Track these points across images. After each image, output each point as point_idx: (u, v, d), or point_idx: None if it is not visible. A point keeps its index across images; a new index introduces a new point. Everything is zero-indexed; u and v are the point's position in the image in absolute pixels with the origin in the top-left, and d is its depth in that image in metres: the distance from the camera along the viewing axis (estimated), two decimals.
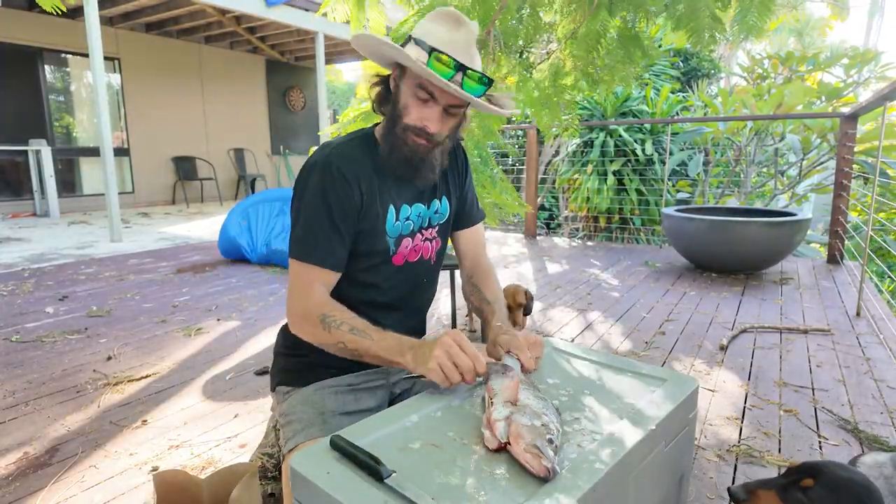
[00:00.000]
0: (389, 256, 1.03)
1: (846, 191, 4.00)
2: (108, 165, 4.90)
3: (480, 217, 1.21)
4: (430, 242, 1.09)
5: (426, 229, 1.08)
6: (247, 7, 6.33)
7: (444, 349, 0.80)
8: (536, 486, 0.60)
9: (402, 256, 1.05)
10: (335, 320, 0.90)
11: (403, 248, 1.04)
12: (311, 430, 0.89)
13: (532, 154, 5.57)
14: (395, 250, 1.03)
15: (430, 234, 1.09)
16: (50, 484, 1.37)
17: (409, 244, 1.05)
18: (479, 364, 0.80)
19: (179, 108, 8.43)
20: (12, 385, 1.97)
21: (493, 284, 1.13)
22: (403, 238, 1.04)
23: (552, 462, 0.60)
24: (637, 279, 3.70)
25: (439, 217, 1.10)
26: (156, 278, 3.63)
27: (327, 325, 0.90)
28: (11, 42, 6.62)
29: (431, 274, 1.13)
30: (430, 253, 1.09)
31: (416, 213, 1.05)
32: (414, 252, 1.06)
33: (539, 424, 0.66)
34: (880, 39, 43.24)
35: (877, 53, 6.26)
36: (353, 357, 0.91)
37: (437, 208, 1.08)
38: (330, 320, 0.91)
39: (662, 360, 2.24)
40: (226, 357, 2.26)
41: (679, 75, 8.75)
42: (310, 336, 0.94)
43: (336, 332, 0.90)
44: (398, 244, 1.03)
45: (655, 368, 0.92)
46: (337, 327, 0.90)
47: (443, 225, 1.11)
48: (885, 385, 1.98)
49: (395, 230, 1.02)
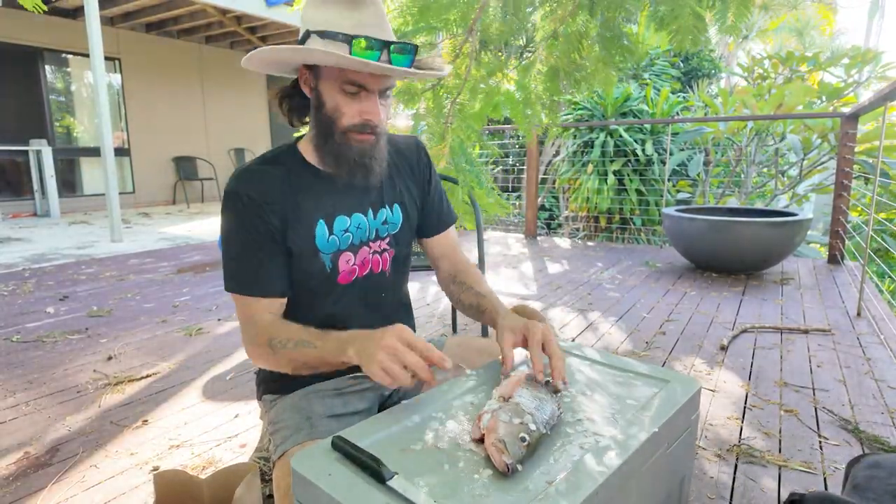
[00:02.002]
0: (331, 276, 0.96)
1: (847, 191, 4.00)
2: (108, 165, 4.90)
3: (452, 220, 1.15)
4: (380, 255, 1.01)
5: (373, 241, 1.00)
6: (247, 7, 6.33)
7: (388, 352, 0.72)
8: (540, 489, 0.60)
9: (347, 273, 0.97)
10: (280, 341, 0.86)
11: (345, 263, 0.96)
12: (298, 435, 0.87)
13: (532, 154, 5.57)
14: (332, 266, 0.95)
15: (380, 247, 1.01)
16: (50, 484, 1.37)
17: (352, 259, 0.97)
18: (435, 357, 0.72)
19: (180, 108, 8.43)
20: (13, 385, 1.97)
21: (480, 278, 1.07)
22: (342, 252, 0.96)
23: (512, 459, 0.61)
24: (637, 279, 3.70)
25: (390, 227, 1.02)
26: (156, 278, 3.63)
27: (274, 348, 0.86)
28: (12, 42, 6.62)
29: (391, 285, 1.06)
30: (383, 266, 1.02)
31: (355, 224, 0.97)
32: (362, 267, 0.99)
33: (517, 422, 0.67)
34: (881, 39, 43.25)
35: (877, 53, 6.26)
36: (310, 371, 0.87)
37: (384, 218, 1.01)
38: (276, 343, 0.86)
39: (663, 360, 2.24)
40: (226, 357, 2.26)
41: (679, 75, 8.76)
42: (265, 364, 0.91)
43: (283, 352, 0.85)
44: (335, 260, 0.95)
45: (658, 369, 0.92)
46: (283, 346, 0.85)
47: (396, 235, 1.03)
48: (885, 385, 1.98)
49: (331, 245, 0.94)
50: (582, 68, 2.41)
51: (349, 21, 0.83)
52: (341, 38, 0.81)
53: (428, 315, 2.91)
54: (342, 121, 0.87)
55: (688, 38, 2.01)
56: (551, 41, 2.34)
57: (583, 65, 2.40)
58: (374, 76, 0.85)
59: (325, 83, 0.87)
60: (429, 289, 3.48)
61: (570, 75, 2.43)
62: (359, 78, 0.84)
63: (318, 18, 0.84)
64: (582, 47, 2.31)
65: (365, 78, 0.84)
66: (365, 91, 0.86)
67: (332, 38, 0.82)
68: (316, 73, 0.88)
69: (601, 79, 2.45)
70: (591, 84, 2.50)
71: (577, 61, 2.37)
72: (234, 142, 9.24)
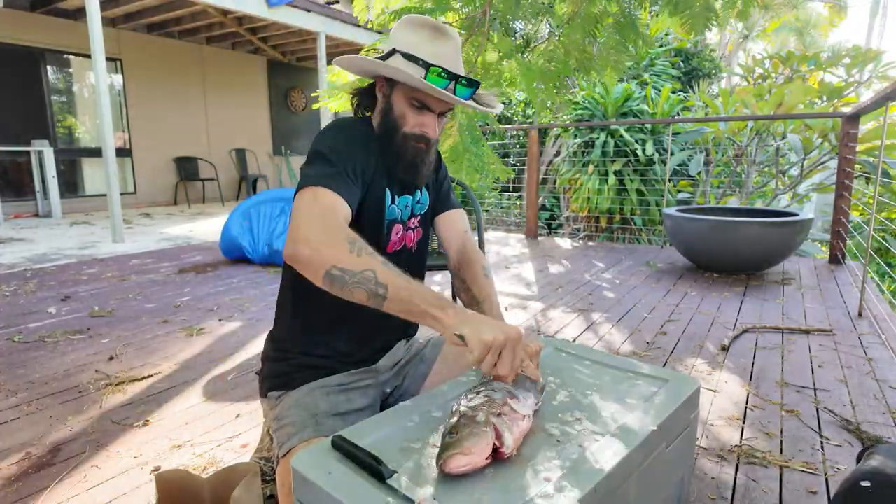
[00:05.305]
0: (383, 243, 1.05)
1: (848, 191, 4.00)
2: (110, 166, 4.91)
3: (457, 206, 1.24)
4: (412, 231, 1.12)
5: (410, 219, 1.11)
6: (248, 8, 6.33)
7: (508, 336, 0.73)
8: (538, 487, 0.60)
9: (394, 244, 1.07)
10: (367, 248, 0.80)
11: (395, 234, 1.07)
12: (304, 432, 0.89)
13: (533, 154, 5.57)
14: (387, 233, 1.05)
15: (414, 224, 1.12)
16: (52, 484, 1.37)
17: (401, 231, 1.08)
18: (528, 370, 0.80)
19: (181, 109, 8.44)
20: (15, 385, 1.97)
21: (481, 279, 1.10)
22: (395, 224, 1.07)
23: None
24: (638, 279, 3.70)
25: (421, 207, 1.13)
26: (157, 278, 3.64)
27: (357, 249, 0.79)
28: (14, 43, 6.63)
29: (412, 264, 1.12)
30: (412, 242, 1.12)
31: (403, 202, 1.08)
32: (402, 241, 1.09)
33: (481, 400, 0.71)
34: (882, 39, 43.19)
35: (878, 53, 6.25)
36: (370, 297, 0.78)
37: (419, 198, 1.13)
38: (361, 245, 0.80)
39: (664, 360, 2.24)
40: (227, 357, 2.26)
41: (680, 75, 8.75)
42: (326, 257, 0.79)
43: (368, 258, 0.79)
44: (390, 229, 1.06)
45: (657, 369, 0.92)
46: (370, 254, 0.79)
47: (423, 215, 1.15)
48: (887, 385, 1.98)
49: (392, 214, 1.05)
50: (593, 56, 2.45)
51: (430, 49, 0.97)
52: (421, 63, 0.94)
53: None
54: (405, 127, 1.00)
55: (700, 23, 2.06)
56: (567, 25, 2.37)
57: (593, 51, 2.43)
58: (438, 100, 0.98)
59: (397, 94, 1.00)
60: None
61: (581, 63, 2.46)
62: (426, 98, 0.98)
63: (406, 41, 0.98)
64: (597, 31, 2.35)
65: (430, 100, 0.98)
66: (427, 109, 0.99)
67: (413, 62, 0.95)
68: (391, 84, 1.01)
69: (613, 64, 2.48)
70: (602, 69, 2.53)
71: (590, 51, 2.41)
72: (236, 142, 9.25)
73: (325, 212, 0.85)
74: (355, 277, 0.77)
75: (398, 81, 0.98)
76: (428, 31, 0.98)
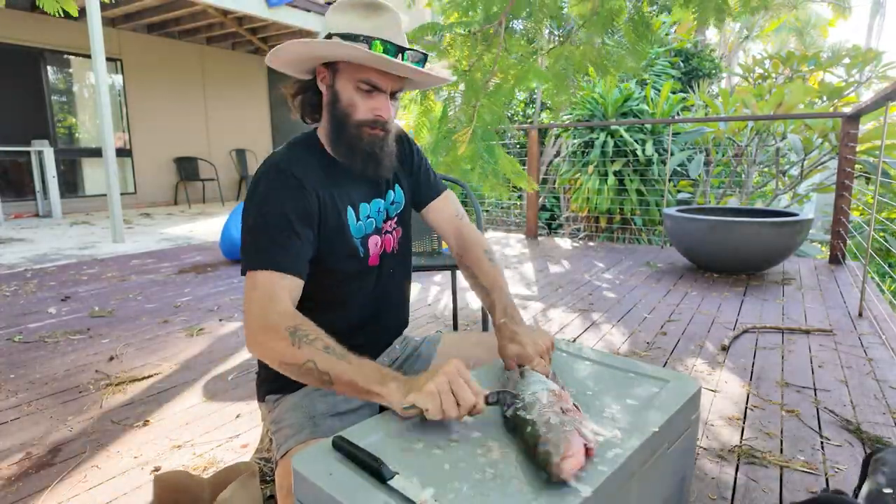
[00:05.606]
0: (364, 259, 1.01)
1: (848, 191, 4.00)
2: (110, 166, 4.91)
3: (442, 189, 1.18)
4: (391, 235, 1.08)
5: (385, 222, 1.07)
6: (248, 8, 6.33)
7: (449, 377, 0.71)
8: (540, 488, 0.60)
9: (375, 256, 1.04)
10: (305, 334, 0.79)
11: (373, 246, 1.03)
12: (301, 434, 0.88)
13: (533, 154, 5.57)
14: (364, 250, 1.01)
15: (390, 227, 1.08)
16: (53, 484, 1.37)
17: (378, 241, 1.04)
18: (480, 403, 0.72)
19: (181, 109, 8.44)
20: (15, 385, 1.97)
21: (485, 264, 1.08)
22: (370, 237, 1.03)
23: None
24: (638, 279, 3.70)
25: (396, 207, 1.10)
26: (158, 279, 3.64)
27: (297, 340, 0.78)
28: (14, 43, 6.64)
29: (398, 266, 1.11)
30: (392, 245, 1.09)
31: (375, 209, 1.04)
32: (380, 249, 1.06)
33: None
34: (882, 39, 43.22)
35: (878, 53, 6.25)
36: (319, 382, 0.78)
37: (392, 199, 1.08)
38: (300, 334, 0.79)
39: (664, 360, 2.24)
40: (228, 357, 2.26)
41: (680, 75, 8.74)
42: (273, 353, 0.81)
43: (307, 348, 0.78)
44: (366, 244, 1.02)
45: (658, 369, 0.92)
46: (309, 343, 0.78)
47: (400, 214, 1.11)
48: (887, 385, 1.98)
49: (360, 231, 1.01)
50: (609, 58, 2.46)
51: (368, 25, 0.90)
52: (362, 39, 0.88)
53: (429, 315, 2.91)
54: (356, 115, 0.93)
55: (711, 14, 2.06)
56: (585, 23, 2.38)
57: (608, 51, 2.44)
58: (387, 78, 0.92)
59: (341, 80, 0.93)
60: (430, 289, 3.48)
61: (596, 64, 2.47)
62: (373, 77, 0.91)
63: (340, 22, 0.91)
64: (613, 29, 2.36)
65: (379, 77, 0.91)
66: (377, 91, 0.92)
67: (352, 40, 0.88)
68: (334, 71, 0.94)
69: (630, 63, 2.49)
70: (617, 70, 2.55)
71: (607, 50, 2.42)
72: (236, 142, 9.25)
73: (265, 302, 0.83)
74: (300, 370, 0.78)
75: (340, 67, 0.92)
76: (361, 8, 0.92)
